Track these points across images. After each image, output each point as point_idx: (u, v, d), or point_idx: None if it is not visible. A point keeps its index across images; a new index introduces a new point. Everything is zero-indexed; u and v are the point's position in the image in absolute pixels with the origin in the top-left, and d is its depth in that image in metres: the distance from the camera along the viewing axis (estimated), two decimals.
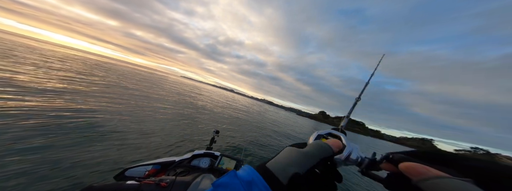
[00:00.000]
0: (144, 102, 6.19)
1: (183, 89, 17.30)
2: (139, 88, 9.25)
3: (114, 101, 5.10)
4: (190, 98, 12.50)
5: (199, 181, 0.56)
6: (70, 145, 2.23)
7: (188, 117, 5.98)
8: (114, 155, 2.29)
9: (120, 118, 3.85)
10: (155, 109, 5.79)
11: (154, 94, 8.92)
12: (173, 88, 17.19)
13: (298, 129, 15.09)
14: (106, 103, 4.69)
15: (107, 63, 26.59)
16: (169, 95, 10.38)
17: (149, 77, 21.54)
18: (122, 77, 12.28)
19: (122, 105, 5.03)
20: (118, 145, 2.58)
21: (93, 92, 5.47)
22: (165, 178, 0.50)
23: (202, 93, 20.36)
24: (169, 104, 7.40)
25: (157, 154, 2.69)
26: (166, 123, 4.51)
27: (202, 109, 8.94)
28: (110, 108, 4.38)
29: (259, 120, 12.08)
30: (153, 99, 7.51)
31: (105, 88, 6.56)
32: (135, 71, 26.37)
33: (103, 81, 8.30)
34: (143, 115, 4.64)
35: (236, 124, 7.80)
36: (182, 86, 21.94)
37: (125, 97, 6.12)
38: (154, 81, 18.31)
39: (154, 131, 3.66)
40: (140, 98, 6.69)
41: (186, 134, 4.12)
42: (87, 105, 4.08)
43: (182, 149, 3.13)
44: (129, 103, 5.48)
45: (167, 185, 0.47)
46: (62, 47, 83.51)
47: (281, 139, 7.48)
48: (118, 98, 5.67)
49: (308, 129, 18.82)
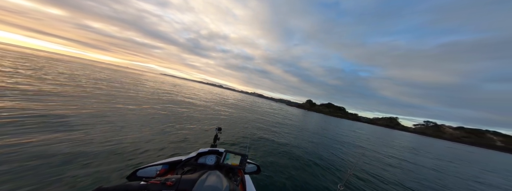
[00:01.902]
0: (117, 105, 5.22)
1: (163, 89, 15.48)
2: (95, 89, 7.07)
3: (70, 103, 4.38)
4: (172, 97, 10.73)
5: (205, 178, 0.57)
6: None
7: (178, 118, 5.48)
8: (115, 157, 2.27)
9: (99, 120, 3.52)
10: (138, 111, 5.09)
11: (126, 95, 7.34)
12: (153, 87, 15.15)
13: (289, 117, 16.94)
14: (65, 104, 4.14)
15: (57, 60, 22.09)
16: (150, 96, 9.07)
17: (114, 76, 17.61)
18: (72, 75, 9.99)
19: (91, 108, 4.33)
20: (113, 148, 2.49)
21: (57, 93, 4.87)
22: (171, 177, 0.51)
23: (184, 91, 18.41)
24: (152, 105, 6.58)
25: (163, 154, 2.68)
26: (161, 125, 4.23)
27: (192, 107, 8.40)
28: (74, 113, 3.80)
29: (253, 114, 12.23)
30: (128, 100, 6.47)
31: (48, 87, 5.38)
32: (92, 68, 21.86)
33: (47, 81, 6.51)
34: (124, 117, 4.20)
35: (232, 120, 7.69)
36: (161, 86, 19.03)
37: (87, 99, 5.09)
38: (124, 79, 15.60)
39: (150, 133, 3.46)
40: (109, 102, 5.53)
41: (185, 134, 3.97)
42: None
43: (185, 148, 3.12)
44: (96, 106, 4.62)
45: (173, 183, 0.48)
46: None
47: (279, 130, 7.63)
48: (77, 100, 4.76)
49: (298, 117, 20.67)
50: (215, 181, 0.59)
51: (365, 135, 14.57)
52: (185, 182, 0.51)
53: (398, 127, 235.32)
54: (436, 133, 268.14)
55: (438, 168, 6.47)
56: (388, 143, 11.69)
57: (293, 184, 2.62)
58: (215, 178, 0.61)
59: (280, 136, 6.22)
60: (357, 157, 5.45)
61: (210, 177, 0.60)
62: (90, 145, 2.49)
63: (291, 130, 8.42)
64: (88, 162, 2.04)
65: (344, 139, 9.07)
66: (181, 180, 0.52)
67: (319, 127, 12.73)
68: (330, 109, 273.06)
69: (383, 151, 7.44)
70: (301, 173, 3.14)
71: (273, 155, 3.77)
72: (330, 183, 2.92)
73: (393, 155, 7.09)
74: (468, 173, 6.89)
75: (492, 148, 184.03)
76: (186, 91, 19.90)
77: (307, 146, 5.55)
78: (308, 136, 7.47)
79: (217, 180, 0.60)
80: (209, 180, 0.57)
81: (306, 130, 9.48)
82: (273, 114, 15.65)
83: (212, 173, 0.64)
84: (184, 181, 0.52)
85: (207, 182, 0.55)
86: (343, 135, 10.42)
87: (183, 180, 0.52)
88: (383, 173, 4.25)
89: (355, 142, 8.93)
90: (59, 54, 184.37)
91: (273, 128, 7.76)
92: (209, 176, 0.60)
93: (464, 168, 7.86)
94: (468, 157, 15.02)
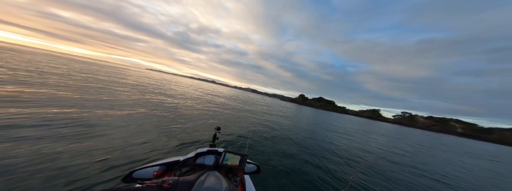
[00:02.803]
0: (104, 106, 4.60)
1: (150, 83, 14.28)
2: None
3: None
4: (160, 94, 9.99)
5: (203, 179, 0.55)
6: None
7: (167, 119, 4.89)
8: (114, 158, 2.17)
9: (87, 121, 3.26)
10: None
11: (97, 91, 6.42)
12: (139, 81, 14.30)
13: (284, 112, 17.36)
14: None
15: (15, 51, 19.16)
16: (132, 92, 8.23)
17: (90, 70, 15.69)
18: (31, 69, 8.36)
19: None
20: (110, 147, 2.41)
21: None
22: (168, 179, 0.49)
23: (173, 87, 17.15)
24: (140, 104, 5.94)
25: (160, 155, 2.57)
26: (154, 124, 3.94)
27: (182, 106, 7.60)
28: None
29: (250, 110, 11.97)
30: (105, 97, 5.74)
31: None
32: (61, 61, 19.23)
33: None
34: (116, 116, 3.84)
35: (229, 118, 7.38)
36: (147, 80, 18.07)
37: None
38: (101, 74, 13.91)
39: (143, 131, 3.29)
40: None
41: (178, 134, 3.72)
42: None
43: (182, 148, 2.99)
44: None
45: (170, 186, 0.46)
46: None
47: (277, 126, 7.54)
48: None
49: (292, 112, 21.12)
50: (214, 182, 0.57)
51: (353, 128, 15.37)
52: (182, 184, 0.49)
53: (380, 119, 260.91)
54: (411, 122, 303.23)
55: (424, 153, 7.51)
56: (379, 137, 12.31)
57: (294, 184, 2.54)
58: (214, 179, 0.59)
59: (278, 133, 6.09)
60: (352, 152, 5.45)
61: (209, 178, 0.58)
62: (75, 147, 2.29)
63: (288, 125, 8.41)
64: (77, 165, 1.91)
65: (336, 133, 9.31)
66: (179, 182, 0.50)
67: (312, 122, 12.96)
68: (321, 103, 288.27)
69: (382, 147, 7.73)
70: (301, 171, 3.06)
71: (273, 154, 3.68)
72: (331, 182, 2.87)
73: (392, 150, 7.41)
74: (436, 154, 8.49)
75: (454, 134, 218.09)
76: (173, 87, 18.40)
77: (305, 142, 5.46)
78: (304, 132, 7.46)
79: (216, 181, 0.59)
80: (208, 181, 0.55)
81: (302, 125, 9.65)
82: (269, 110, 15.75)
83: (211, 174, 0.62)
84: (182, 183, 0.50)
85: (205, 183, 0.54)
86: (334, 130, 10.68)
87: (181, 182, 0.50)
88: (389, 171, 4.28)
89: (347, 136, 9.17)
90: (19, 45, 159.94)
91: (271, 125, 7.65)
92: (208, 177, 0.58)
93: (439, 152, 9.62)
94: (438, 142, 18.15)
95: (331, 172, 3.35)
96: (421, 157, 7.12)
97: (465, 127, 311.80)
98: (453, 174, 5.18)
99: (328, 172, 3.30)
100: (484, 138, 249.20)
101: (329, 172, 3.35)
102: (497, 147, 45.99)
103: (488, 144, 67.44)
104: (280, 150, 4.01)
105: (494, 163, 9.88)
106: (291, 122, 9.84)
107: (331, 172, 3.35)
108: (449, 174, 5.14)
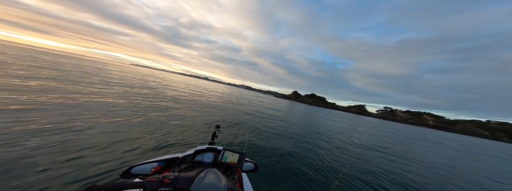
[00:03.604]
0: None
1: (134, 77, 12.91)
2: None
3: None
4: (147, 92, 9.23)
5: (203, 176, 0.56)
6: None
7: (157, 121, 4.48)
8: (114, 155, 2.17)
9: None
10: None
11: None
12: (123, 78, 12.76)
13: (279, 109, 17.68)
14: None
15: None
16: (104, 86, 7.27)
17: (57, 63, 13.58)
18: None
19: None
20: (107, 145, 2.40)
21: None
22: (169, 175, 0.50)
23: (161, 85, 15.83)
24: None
25: (159, 151, 2.56)
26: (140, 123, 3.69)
27: (172, 106, 6.97)
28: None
29: (246, 108, 11.84)
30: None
31: None
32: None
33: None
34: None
35: (227, 116, 7.22)
36: (128, 75, 16.47)
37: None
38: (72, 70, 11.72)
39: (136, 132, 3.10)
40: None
41: (174, 132, 3.65)
42: None
43: (181, 146, 2.96)
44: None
45: (171, 181, 0.47)
46: None
47: (273, 124, 7.51)
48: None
49: (286, 108, 21.62)
50: (214, 179, 0.58)
51: (344, 124, 16.41)
52: (183, 180, 0.50)
53: (366, 113, 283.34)
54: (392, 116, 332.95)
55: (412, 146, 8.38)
56: (367, 132, 12.92)
57: (290, 182, 2.56)
58: (214, 176, 0.60)
59: (276, 131, 6.06)
60: (342, 148, 5.55)
61: (209, 175, 0.58)
62: (76, 143, 2.30)
63: (285, 123, 8.50)
64: (77, 159, 1.94)
65: (329, 130, 9.79)
66: (179, 177, 0.50)
67: (307, 119, 13.41)
68: (313, 99, 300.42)
69: (373, 144, 8.03)
70: (297, 169, 3.07)
71: (271, 152, 3.67)
72: (325, 181, 2.89)
73: (379, 145, 7.96)
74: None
75: (426, 126, 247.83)
76: (154, 83, 17.00)
77: (301, 141, 5.45)
78: (301, 130, 7.57)
79: (215, 178, 0.59)
80: (208, 178, 0.56)
81: (298, 123, 10.08)
82: (265, 107, 15.82)
83: (210, 171, 0.63)
84: (182, 178, 0.51)
85: (205, 180, 0.54)
86: (327, 127, 11.15)
87: (181, 177, 0.51)
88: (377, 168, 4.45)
89: (338, 132, 9.56)
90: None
91: (268, 123, 7.59)
92: (208, 174, 0.59)
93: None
94: (418, 135, 20.18)
95: (325, 168, 3.41)
96: (412, 153, 7.59)
97: (435, 120, 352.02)
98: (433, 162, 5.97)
99: (321, 169, 3.34)
100: (450, 129, 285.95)
101: (323, 168, 3.40)
102: (457, 136, 52.95)
103: (453, 134, 77.63)
104: (278, 149, 4.02)
105: (460, 151, 11.30)
106: (288, 120, 10.02)
107: (324, 168, 3.40)
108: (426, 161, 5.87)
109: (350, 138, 7.85)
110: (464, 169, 5.89)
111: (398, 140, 10.64)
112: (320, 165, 3.49)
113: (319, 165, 3.48)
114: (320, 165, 3.52)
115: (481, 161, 8.55)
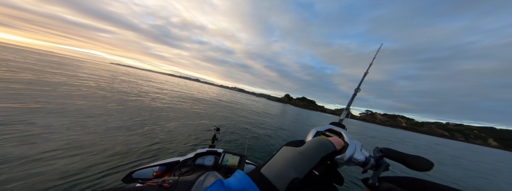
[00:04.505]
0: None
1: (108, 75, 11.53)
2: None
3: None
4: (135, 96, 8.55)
5: (202, 180, 0.57)
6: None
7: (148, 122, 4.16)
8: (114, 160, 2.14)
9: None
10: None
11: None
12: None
13: (275, 112, 17.88)
14: None
15: None
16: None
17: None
18: None
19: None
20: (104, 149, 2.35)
21: None
22: (168, 179, 0.50)
23: (148, 89, 14.66)
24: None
25: (159, 155, 2.55)
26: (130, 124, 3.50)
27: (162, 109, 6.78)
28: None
29: (243, 110, 11.84)
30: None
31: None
32: None
33: None
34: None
35: (224, 118, 7.14)
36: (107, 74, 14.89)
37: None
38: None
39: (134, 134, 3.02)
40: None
41: (171, 135, 3.48)
42: None
43: (181, 149, 2.93)
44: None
45: (170, 185, 0.47)
46: None
47: (272, 125, 7.67)
48: None
49: (280, 111, 21.77)
50: (214, 181, 0.48)
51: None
52: (182, 184, 0.49)
53: (350, 116, 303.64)
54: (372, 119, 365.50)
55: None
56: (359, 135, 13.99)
57: None
58: (214, 179, 0.60)
59: (274, 133, 6.32)
60: None
61: (209, 178, 0.58)
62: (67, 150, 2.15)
63: (282, 126, 8.72)
64: (77, 165, 1.90)
65: None
66: (179, 181, 0.50)
67: (302, 122, 13.73)
68: (304, 102, 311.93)
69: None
70: None
71: (271, 154, 3.66)
72: None
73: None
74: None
75: (400, 128, 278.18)
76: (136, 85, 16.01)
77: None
78: (296, 132, 7.90)
79: (215, 180, 0.52)
80: (207, 181, 0.56)
81: (294, 126, 10.24)
82: (260, 110, 15.95)
83: (210, 174, 0.62)
84: (182, 182, 0.50)
85: (205, 183, 0.54)
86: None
87: (181, 181, 0.50)
88: None
89: None
90: None
91: (266, 124, 7.81)
92: (208, 177, 0.59)
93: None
94: (396, 136, 22.00)
95: None
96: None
97: (407, 122, 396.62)
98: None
99: None
100: (418, 130, 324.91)
101: None
102: (424, 136, 58.02)
103: (420, 135, 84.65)
104: (277, 149, 4.17)
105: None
106: (283, 122, 10.11)
107: None
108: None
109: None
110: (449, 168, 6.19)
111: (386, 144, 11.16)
112: None
113: None
114: None
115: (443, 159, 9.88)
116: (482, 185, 5.00)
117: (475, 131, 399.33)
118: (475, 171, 7.28)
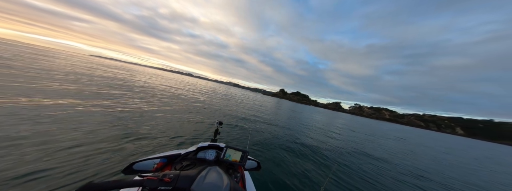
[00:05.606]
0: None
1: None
2: None
3: None
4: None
5: (204, 175, 0.54)
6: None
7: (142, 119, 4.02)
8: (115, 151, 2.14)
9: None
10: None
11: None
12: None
13: (269, 106, 18.46)
14: None
15: None
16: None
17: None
18: None
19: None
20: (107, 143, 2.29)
21: None
22: (169, 173, 0.48)
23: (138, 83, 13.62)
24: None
25: (160, 148, 2.51)
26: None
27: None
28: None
29: (240, 105, 11.86)
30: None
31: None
32: None
33: None
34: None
35: (224, 112, 7.14)
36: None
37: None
38: None
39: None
40: None
41: (174, 127, 3.51)
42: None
43: (183, 142, 2.90)
44: None
45: (171, 180, 0.45)
46: None
47: (271, 120, 7.83)
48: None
49: (275, 105, 22.17)
50: (216, 178, 0.56)
51: (327, 121, 17.81)
52: (184, 179, 0.47)
53: (341, 110, 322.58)
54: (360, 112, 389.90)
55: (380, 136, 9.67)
56: (348, 131, 14.61)
57: (292, 180, 2.49)
58: (216, 175, 0.57)
59: (275, 128, 6.31)
60: (330, 144, 5.63)
61: (210, 174, 0.56)
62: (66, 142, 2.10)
63: (279, 121, 8.88)
64: (75, 155, 1.87)
65: (322, 129, 10.48)
66: (180, 176, 0.48)
67: (298, 116, 14.04)
68: (298, 97, 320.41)
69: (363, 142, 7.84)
70: (299, 168, 3.00)
71: (273, 150, 3.67)
72: (318, 179, 2.83)
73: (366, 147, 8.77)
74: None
75: (384, 120, 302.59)
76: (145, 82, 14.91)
77: (300, 138, 5.58)
78: (296, 128, 7.78)
79: (217, 177, 0.57)
80: (209, 176, 0.54)
81: (291, 120, 10.23)
82: (257, 104, 15.86)
83: (212, 169, 0.60)
84: (183, 177, 0.48)
85: (207, 179, 0.52)
86: (317, 125, 11.86)
87: (182, 176, 0.48)
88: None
89: (325, 130, 10.39)
90: None
91: (266, 119, 7.88)
92: (209, 173, 0.57)
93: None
94: (381, 127, 23.74)
95: (321, 166, 3.33)
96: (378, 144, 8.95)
97: (390, 114, 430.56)
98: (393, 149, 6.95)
99: (318, 167, 3.26)
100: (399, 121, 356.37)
101: (321, 166, 3.32)
102: (404, 127, 64.60)
103: (401, 126, 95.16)
104: (280, 145, 4.04)
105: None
106: (281, 117, 10.07)
107: (321, 166, 3.33)
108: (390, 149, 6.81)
109: (344, 137, 8.34)
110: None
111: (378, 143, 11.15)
112: (319, 165, 3.36)
113: (319, 165, 3.36)
114: (319, 164, 3.39)
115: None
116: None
117: (446, 121, 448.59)
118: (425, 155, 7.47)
